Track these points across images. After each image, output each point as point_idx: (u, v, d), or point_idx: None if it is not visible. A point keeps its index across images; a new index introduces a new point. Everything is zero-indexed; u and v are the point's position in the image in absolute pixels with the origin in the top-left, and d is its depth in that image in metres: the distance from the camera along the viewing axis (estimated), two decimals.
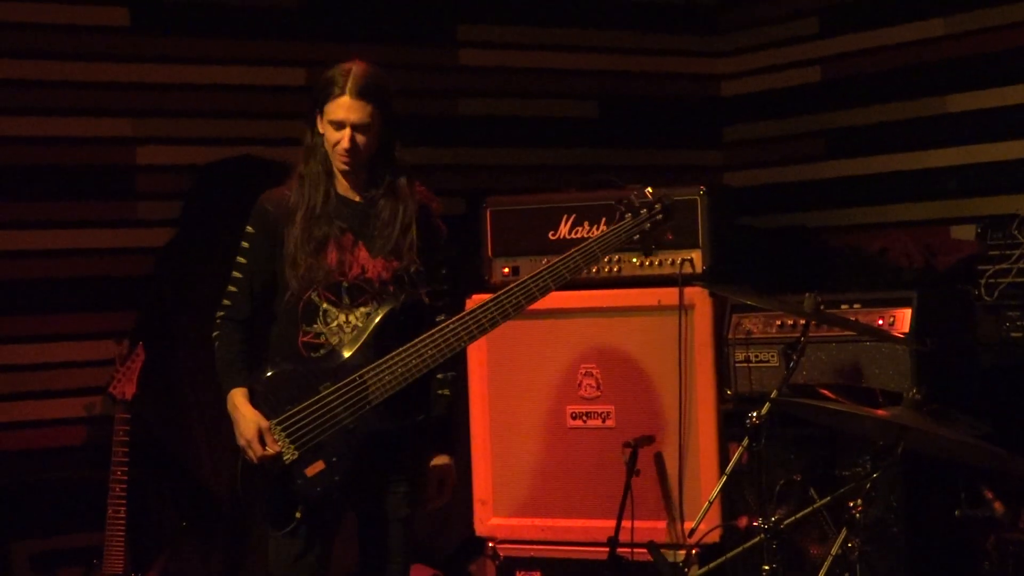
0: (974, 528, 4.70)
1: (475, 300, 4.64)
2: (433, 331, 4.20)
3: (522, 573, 5.50)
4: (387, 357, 4.18)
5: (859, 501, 4.11)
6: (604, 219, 5.54)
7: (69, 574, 5.67)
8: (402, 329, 4.23)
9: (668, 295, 5.36)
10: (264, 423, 4.19)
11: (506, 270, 5.66)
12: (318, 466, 4.19)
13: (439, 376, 4.37)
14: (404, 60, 6.67)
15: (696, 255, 5.41)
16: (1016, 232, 5.48)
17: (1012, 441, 4.42)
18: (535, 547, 5.51)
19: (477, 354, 5.59)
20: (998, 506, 4.61)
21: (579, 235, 5.57)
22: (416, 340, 4.19)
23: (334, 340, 4.26)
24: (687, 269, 5.39)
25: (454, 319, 4.23)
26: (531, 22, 7.13)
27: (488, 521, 5.60)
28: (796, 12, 7.18)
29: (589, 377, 5.49)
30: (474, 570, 5.83)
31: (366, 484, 4.27)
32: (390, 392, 4.18)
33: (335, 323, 4.27)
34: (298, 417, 4.20)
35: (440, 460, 4.43)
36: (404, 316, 4.25)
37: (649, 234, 4.34)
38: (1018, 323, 5.39)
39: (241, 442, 4.23)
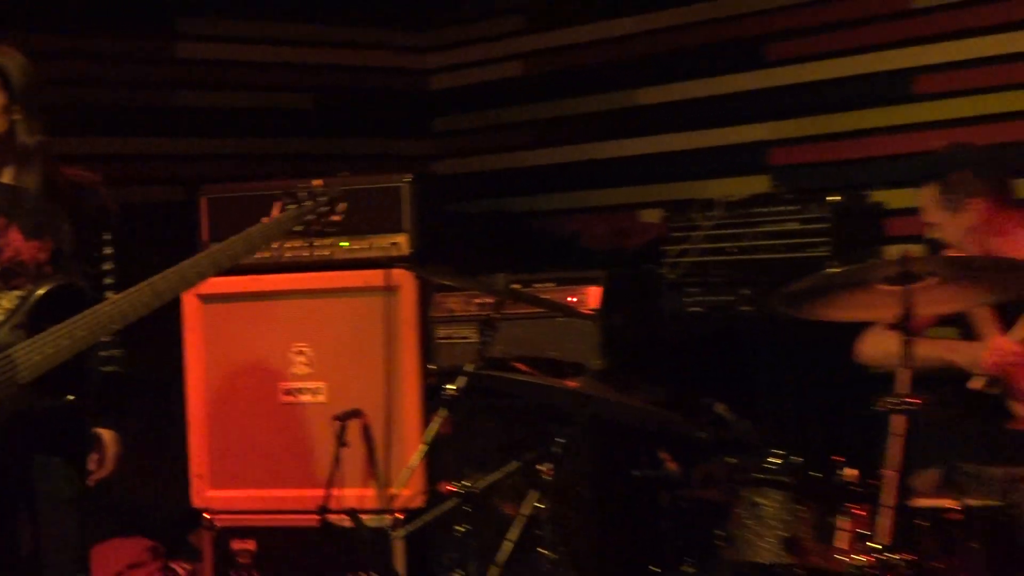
0: (652, 487, 4.86)
1: None
2: (86, 312, 4.09)
3: (237, 541, 5.61)
4: (37, 337, 4.06)
5: (549, 465, 4.33)
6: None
7: None
8: (59, 310, 4.10)
9: (374, 276, 5.54)
10: None
11: None
12: None
13: (102, 354, 4.29)
14: (121, 51, 6.69)
15: (403, 239, 5.60)
16: (696, 216, 5.86)
17: (686, 406, 4.77)
18: (250, 516, 5.62)
19: (193, 334, 5.71)
20: (672, 466, 4.80)
21: None
22: (69, 320, 4.07)
23: None
24: (394, 252, 5.58)
25: (108, 301, 4.14)
26: (249, 16, 7.15)
27: (205, 493, 5.71)
28: (504, 9, 7.34)
29: (301, 355, 5.63)
30: (193, 540, 5.90)
31: (17, 466, 4.14)
32: (40, 372, 4.05)
33: None
34: None
35: (101, 433, 4.35)
36: (61, 297, 4.13)
37: (314, 223, 4.38)
38: (697, 298, 5.74)
39: None
